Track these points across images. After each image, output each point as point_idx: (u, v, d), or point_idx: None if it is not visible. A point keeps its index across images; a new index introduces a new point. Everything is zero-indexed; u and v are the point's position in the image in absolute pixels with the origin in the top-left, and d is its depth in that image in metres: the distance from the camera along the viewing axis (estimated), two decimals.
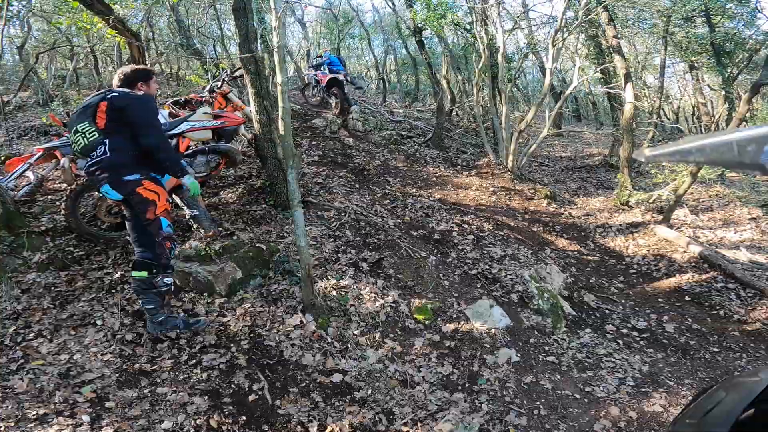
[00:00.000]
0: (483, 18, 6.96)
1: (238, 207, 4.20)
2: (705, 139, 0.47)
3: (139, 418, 2.20)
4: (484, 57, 7.16)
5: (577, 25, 7.39)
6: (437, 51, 11.43)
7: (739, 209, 6.41)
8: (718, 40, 9.77)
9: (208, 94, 4.12)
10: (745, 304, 4.07)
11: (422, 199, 5.55)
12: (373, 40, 16.46)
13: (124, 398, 2.31)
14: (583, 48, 11.33)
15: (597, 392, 2.85)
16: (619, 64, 7.38)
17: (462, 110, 10.92)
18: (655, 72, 12.25)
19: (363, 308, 3.30)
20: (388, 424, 2.40)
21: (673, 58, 12.61)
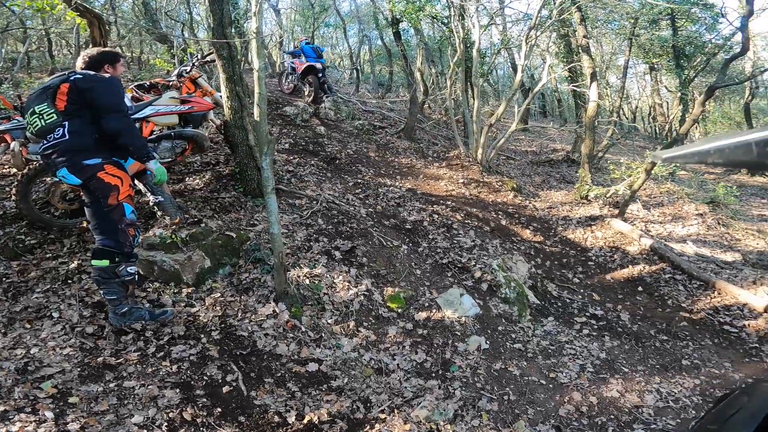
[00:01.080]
0: (461, 12, 7.01)
1: (206, 194, 4.06)
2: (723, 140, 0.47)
3: (107, 413, 2.12)
4: (459, 51, 7.23)
5: (550, 23, 7.59)
6: (413, 43, 11.43)
7: (687, 205, 6.90)
8: (679, 43, 10.27)
9: (176, 79, 3.95)
10: (691, 294, 4.41)
11: (394, 189, 5.57)
12: (349, 29, 16.24)
13: (88, 393, 2.21)
14: (554, 46, 11.67)
15: (561, 378, 3.02)
16: (586, 64, 7.67)
17: (434, 103, 11.02)
18: (618, 72, 12.80)
19: (336, 297, 3.30)
20: (366, 412, 2.44)
21: (636, 59, 13.19)
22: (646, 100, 18.79)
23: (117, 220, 2.55)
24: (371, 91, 13.61)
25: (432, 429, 2.41)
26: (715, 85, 6.01)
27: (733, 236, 6.04)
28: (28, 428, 1.91)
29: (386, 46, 12.95)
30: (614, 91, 14.03)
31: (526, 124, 13.11)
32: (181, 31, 7.54)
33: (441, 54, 12.10)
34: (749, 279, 4.54)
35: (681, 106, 11.03)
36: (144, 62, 9.65)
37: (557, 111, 18.74)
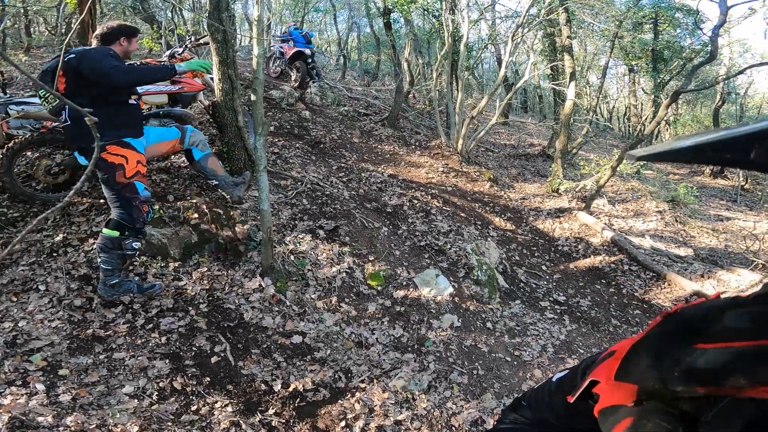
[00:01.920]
0: (452, 6, 7.10)
1: (192, 172, 4.09)
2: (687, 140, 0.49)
3: (98, 384, 2.18)
4: (447, 44, 7.33)
5: (537, 22, 7.78)
6: (402, 33, 11.42)
7: (649, 202, 7.36)
8: (658, 47, 10.61)
9: (168, 60, 3.96)
10: (645, 284, 4.81)
11: (376, 174, 5.72)
12: (339, 15, 15.97)
13: (78, 365, 2.26)
14: (539, 44, 11.90)
15: (524, 356, 3.30)
16: (567, 63, 7.94)
17: (419, 93, 11.12)
18: (599, 72, 13.10)
19: (320, 273, 3.46)
20: (347, 381, 2.64)
21: (616, 60, 13.55)
22: (623, 100, 19.38)
23: (130, 197, 2.63)
24: (357, 78, 13.57)
25: (408, 398, 2.63)
26: (680, 89, 6.32)
27: (688, 233, 6.53)
28: (20, 401, 1.95)
29: (375, 34, 12.88)
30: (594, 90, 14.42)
31: (507, 118, 13.40)
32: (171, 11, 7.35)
33: (429, 45, 12.13)
34: (698, 272, 4.98)
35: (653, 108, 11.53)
36: None
37: (538, 107, 19.16)
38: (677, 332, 0.70)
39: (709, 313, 0.68)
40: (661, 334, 0.74)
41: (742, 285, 4.67)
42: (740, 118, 14.75)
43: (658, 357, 0.71)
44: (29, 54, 7.46)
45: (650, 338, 0.76)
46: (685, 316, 0.73)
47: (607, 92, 18.69)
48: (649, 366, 0.72)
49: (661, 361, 0.69)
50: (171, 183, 3.77)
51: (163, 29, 6.56)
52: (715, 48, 6.09)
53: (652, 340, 0.76)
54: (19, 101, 3.38)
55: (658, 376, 0.69)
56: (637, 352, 0.78)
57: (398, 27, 11.77)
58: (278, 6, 17.24)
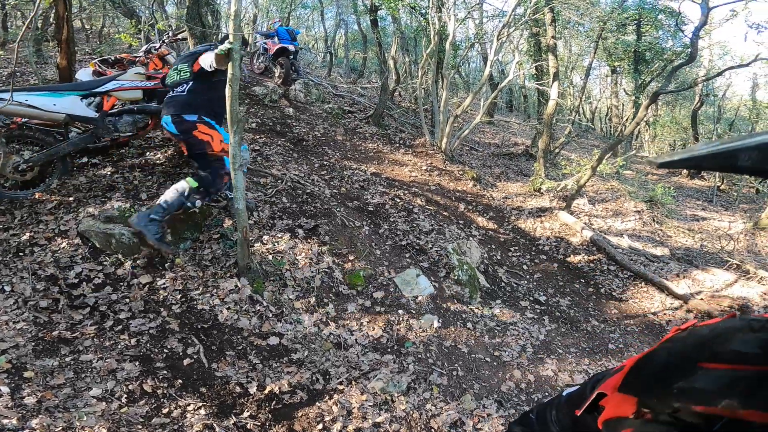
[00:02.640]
0: (439, 4, 7.08)
1: (167, 169, 3.98)
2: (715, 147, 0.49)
3: (64, 387, 2.13)
4: (434, 42, 7.32)
5: (523, 21, 7.81)
6: (389, 30, 11.35)
7: (627, 202, 7.49)
8: (641, 48, 10.73)
9: (144, 55, 3.87)
10: (622, 284, 4.88)
11: (359, 172, 5.67)
12: (326, 12, 15.81)
13: (44, 367, 2.21)
14: (525, 44, 11.98)
15: (504, 357, 3.31)
16: (551, 63, 8.00)
17: (405, 91, 11.09)
18: (583, 73, 13.20)
19: (298, 273, 3.40)
20: (325, 383, 2.59)
21: (600, 61, 13.72)
22: (605, 101, 19.64)
23: (218, 167, 3.18)
24: (343, 75, 13.47)
25: (387, 400, 2.60)
26: (660, 91, 6.43)
27: (665, 233, 6.66)
28: None
29: (362, 31, 12.79)
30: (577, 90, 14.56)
31: (492, 117, 13.48)
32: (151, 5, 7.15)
33: (416, 43, 12.11)
34: (674, 272, 5.08)
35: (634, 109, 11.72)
36: (105, 36, 9.12)
37: (523, 107, 19.35)
38: (684, 350, 0.72)
39: (720, 334, 0.69)
40: (668, 350, 0.76)
41: (716, 284, 4.78)
42: (718, 119, 15.08)
43: (661, 371, 0.73)
44: (5, 48, 7.24)
45: (657, 353, 0.78)
46: (695, 335, 0.74)
47: (590, 93, 18.94)
48: (651, 379, 0.74)
49: (663, 376, 0.71)
50: (144, 181, 3.66)
51: (143, 24, 6.41)
52: (694, 49, 6.14)
53: (659, 354, 0.77)
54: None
55: (658, 390, 0.70)
56: (642, 365, 0.80)
57: (385, 25, 11.72)
58: (265, 2, 17.01)
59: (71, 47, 3.98)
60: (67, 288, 2.76)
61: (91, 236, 3.06)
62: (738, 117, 16.24)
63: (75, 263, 2.92)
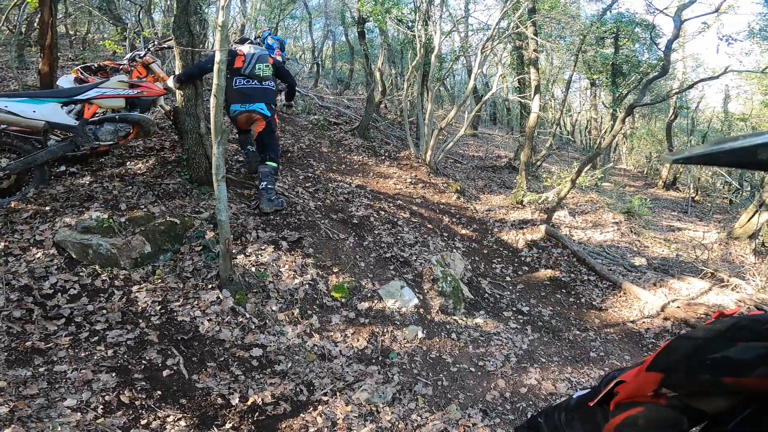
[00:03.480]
0: (425, 18, 7.20)
1: (148, 179, 3.93)
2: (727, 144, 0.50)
3: (37, 397, 2.07)
4: (419, 55, 7.42)
5: (507, 35, 8.00)
6: (376, 43, 11.46)
7: (606, 214, 7.68)
8: (618, 61, 11.02)
9: (128, 63, 3.84)
10: (602, 293, 4.98)
11: (344, 184, 5.69)
12: (314, 23, 15.90)
13: (16, 377, 2.14)
14: (508, 57, 12.25)
15: (488, 366, 3.32)
16: (533, 76, 8.20)
17: (391, 103, 11.17)
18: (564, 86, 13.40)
19: (282, 285, 3.37)
20: (309, 394, 2.56)
21: (579, 74, 14.04)
22: (585, 114, 20.03)
23: (277, 144, 4.20)
24: (330, 86, 13.55)
25: (372, 410, 2.58)
26: (635, 104, 6.61)
27: (642, 243, 6.84)
28: None
29: (350, 43, 12.89)
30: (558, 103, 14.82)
31: (476, 130, 13.69)
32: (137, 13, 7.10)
33: (402, 55, 12.23)
34: (651, 281, 5.21)
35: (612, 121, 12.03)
36: (89, 42, 9.01)
37: (506, 119, 19.70)
38: (725, 330, 0.72)
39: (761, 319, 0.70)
40: (708, 330, 0.76)
41: (692, 293, 4.92)
42: (691, 131, 15.53)
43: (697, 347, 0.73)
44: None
45: (697, 332, 0.78)
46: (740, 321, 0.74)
47: (570, 105, 19.26)
48: (685, 354, 0.74)
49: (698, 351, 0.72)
50: (124, 191, 3.60)
51: (128, 31, 6.36)
52: (667, 62, 6.24)
53: (699, 333, 0.77)
54: None
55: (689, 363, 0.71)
56: (679, 342, 0.80)
57: (373, 37, 11.82)
58: (254, 12, 17.06)
59: (54, 53, 3.93)
60: (41, 298, 2.68)
61: (68, 247, 2.99)
62: (711, 129, 16.67)
63: (50, 274, 2.84)
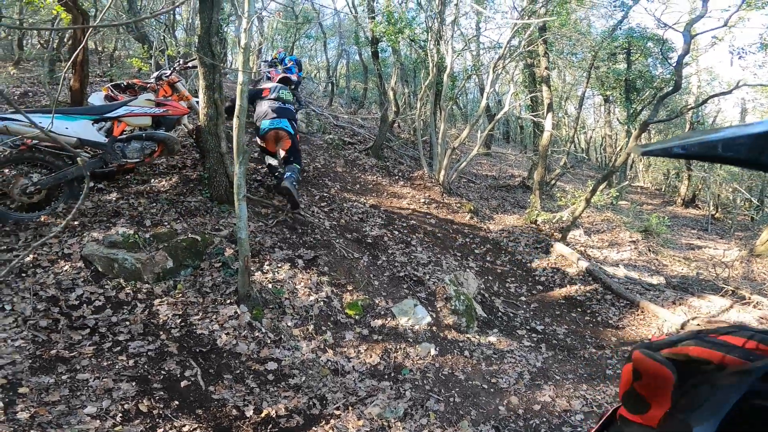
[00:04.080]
0: (437, 37, 7.36)
1: (171, 196, 4.09)
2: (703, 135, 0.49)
3: (58, 404, 2.14)
4: (432, 74, 7.51)
5: (518, 53, 8.09)
6: (389, 62, 11.68)
7: (623, 233, 7.57)
8: (631, 77, 10.89)
9: (155, 81, 4.03)
10: (618, 312, 4.90)
11: (358, 204, 5.79)
12: (329, 42, 16.32)
13: (39, 384, 2.22)
14: (520, 75, 12.32)
15: (501, 383, 3.30)
16: (545, 94, 8.21)
17: (404, 122, 11.26)
18: (577, 102, 13.14)
19: (297, 302, 3.44)
20: (322, 408, 2.59)
21: (593, 90, 13.88)
22: (600, 130, 19.74)
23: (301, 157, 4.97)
24: (344, 105, 13.81)
25: (383, 426, 2.59)
26: (649, 120, 6.56)
27: (661, 262, 6.72)
28: None
29: (363, 62, 13.09)
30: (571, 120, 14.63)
31: (489, 149, 13.72)
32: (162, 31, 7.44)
33: (415, 75, 12.35)
34: (670, 299, 5.10)
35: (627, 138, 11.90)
36: (116, 59, 9.44)
37: (519, 138, 19.62)
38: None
39: None
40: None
41: (712, 311, 4.81)
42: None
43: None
44: (18, 67, 7.41)
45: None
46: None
47: (584, 122, 19.04)
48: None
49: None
50: (149, 207, 3.76)
51: (154, 49, 6.66)
52: (679, 78, 6.10)
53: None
54: (2, 116, 3.31)
55: None
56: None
57: (386, 56, 12.02)
58: (270, 31, 17.66)
59: (85, 70, 4.10)
60: (67, 309, 2.79)
61: (95, 260, 3.13)
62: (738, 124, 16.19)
63: (77, 285, 2.97)
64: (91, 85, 6.16)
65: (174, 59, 4.59)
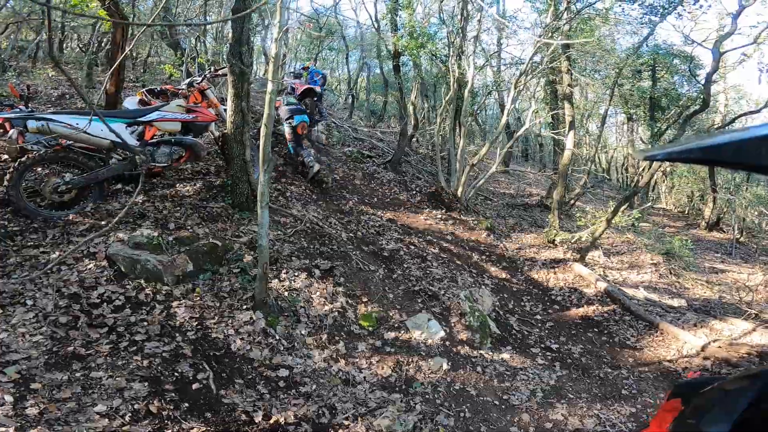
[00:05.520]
0: (459, 52, 7.39)
1: (195, 201, 4.20)
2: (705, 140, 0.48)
3: (69, 401, 2.14)
4: (452, 90, 7.53)
5: (540, 70, 8.01)
6: (409, 76, 11.73)
7: (644, 255, 7.38)
8: (656, 95, 10.61)
9: (186, 88, 4.17)
10: (637, 333, 4.76)
11: (375, 217, 5.83)
12: (351, 55, 16.57)
13: (52, 380, 2.24)
14: (541, 92, 12.16)
15: (512, 400, 3.23)
16: (567, 111, 8.06)
17: (423, 137, 11.23)
18: (599, 120, 12.86)
19: (312, 311, 3.46)
20: (331, 418, 2.58)
21: (615, 108, 13.34)
22: (622, 150, 19.28)
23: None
24: (363, 118, 13.94)
25: None
26: (675, 140, 6.43)
27: (682, 285, 6.51)
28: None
29: (384, 75, 13.07)
30: (593, 138, 14.30)
31: (508, 166, 13.59)
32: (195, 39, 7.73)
33: (435, 89, 12.31)
34: (691, 322, 4.94)
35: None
36: (149, 64, 9.79)
37: (538, 156, 19.32)
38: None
39: None
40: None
41: (734, 333, 4.63)
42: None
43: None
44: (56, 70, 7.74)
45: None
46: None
47: (605, 141, 18.57)
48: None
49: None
50: (173, 211, 3.87)
51: (186, 56, 6.89)
52: (707, 96, 5.98)
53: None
54: (40, 117, 3.45)
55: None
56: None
57: (407, 70, 12.04)
58: (294, 42, 18.06)
59: (122, 74, 4.26)
60: (88, 307, 2.84)
61: (118, 260, 3.22)
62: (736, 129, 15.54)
63: (99, 284, 3.03)
64: (125, 90, 6.40)
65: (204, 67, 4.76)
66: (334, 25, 14.90)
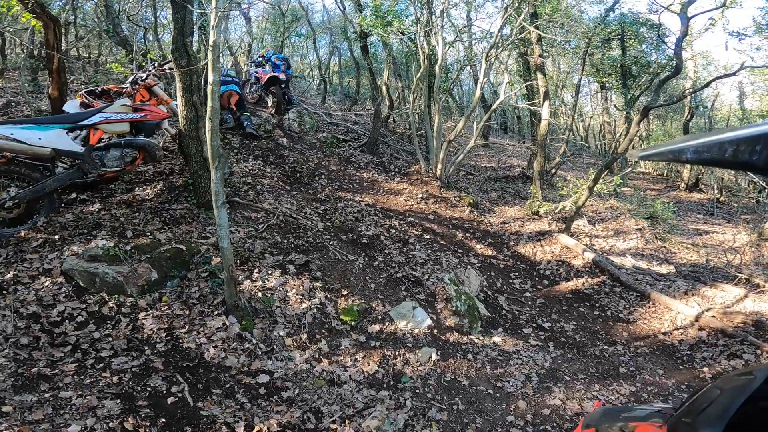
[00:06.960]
0: (427, 29, 7.16)
1: (155, 205, 3.94)
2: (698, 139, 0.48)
3: (42, 422, 2.06)
4: (424, 67, 7.36)
5: (510, 41, 7.90)
6: (381, 57, 11.47)
7: (628, 221, 7.37)
8: (626, 63, 10.72)
9: (131, 86, 3.87)
10: (629, 305, 4.72)
11: (353, 203, 5.63)
12: (319, 40, 16.12)
13: (22, 403, 2.15)
14: (514, 64, 12.11)
15: (507, 387, 3.14)
16: (540, 83, 8.02)
17: (399, 117, 11.11)
18: (573, 90, 13.01)
19: (289, 310, 3.29)
20: (317, 423, 2.44)
21: (588, 77, 13.76)
22: (598, 118, 19.57)
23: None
24: (338, 102, 13.64)
25: None
26: (649, 105, 6.38)
27: (669, 250, 6.52)
28: None
29: (355, 58, 12.93)
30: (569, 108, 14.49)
31: (487, 140, 13.49)
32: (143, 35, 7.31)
33: (408, 68, 12.22)
34: (681, 290, 4.92)
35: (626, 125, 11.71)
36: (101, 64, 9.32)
37: (517, 127, 19.42)
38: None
39: None
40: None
41: (727, 300, 4.62)
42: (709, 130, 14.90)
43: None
44: (3, 77, 7.28)
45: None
46: None
47: (581, 110, 18.83)
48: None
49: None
50: (131, 217, 3.60)
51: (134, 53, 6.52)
52: (679, 61, 6.00)
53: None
54: None
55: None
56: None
57: (378, 50, 11.83)
58: (259, 30, 17.43)
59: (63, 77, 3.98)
60: (49, 326, 2.68)
61: (75, 275, 2.98)
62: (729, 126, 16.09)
63: (58, 301, 2.85)
64: (75, 92, 6.02)
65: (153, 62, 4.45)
66: (298, 11, 14.37)
